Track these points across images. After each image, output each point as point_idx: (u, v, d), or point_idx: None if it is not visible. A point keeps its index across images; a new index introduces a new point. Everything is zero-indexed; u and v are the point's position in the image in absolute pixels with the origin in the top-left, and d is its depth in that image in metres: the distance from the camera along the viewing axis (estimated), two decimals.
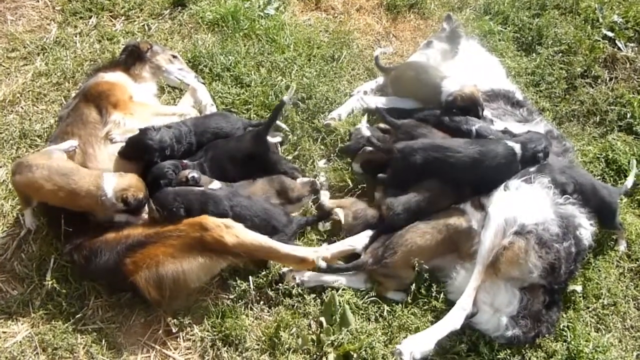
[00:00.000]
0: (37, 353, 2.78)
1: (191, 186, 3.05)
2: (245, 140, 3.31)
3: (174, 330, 2.89)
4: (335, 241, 3.17)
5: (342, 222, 3.18)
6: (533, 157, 3.13)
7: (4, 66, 3.97)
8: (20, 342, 2.82)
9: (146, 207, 3.02)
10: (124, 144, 3.14)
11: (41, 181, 2.86)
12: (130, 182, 2.94)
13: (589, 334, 3.01)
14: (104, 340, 2.84)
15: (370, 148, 3.47)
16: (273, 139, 3.42)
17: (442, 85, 3.46)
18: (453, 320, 2.83)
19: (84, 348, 2.81)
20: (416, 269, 2.96)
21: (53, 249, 3.10)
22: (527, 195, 3.04)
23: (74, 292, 2.99)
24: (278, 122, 3.52)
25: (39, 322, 2.88)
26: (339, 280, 3.05)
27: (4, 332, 2.86)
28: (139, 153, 3.12)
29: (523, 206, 2.99)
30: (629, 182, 3.53)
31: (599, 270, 3.26)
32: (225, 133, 3.37)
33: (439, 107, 3.48)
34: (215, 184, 3.14)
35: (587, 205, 3.13)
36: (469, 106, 3.36)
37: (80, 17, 4.28)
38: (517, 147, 3.13)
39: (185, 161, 3.22)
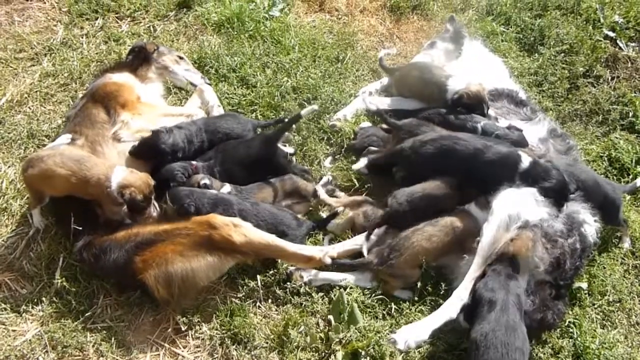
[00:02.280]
0: (46, 351, 2.78)
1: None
2: (254, 146, 3.32)
3: (182, 329, 2.89)
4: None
5: (355, 222, 3.21)
6: (534, 180, 3.02)
7: (11, 67, 3.99)
8: (29, 340, 2.82)
9: (150, 209, 3.02)
10: (133, 143, 3.16)
11: (54, 167, 2.87)
12: (134, 181, 2.92)
13: (595, 330, 3.02)
14: (113, 339, 2.84)
15: (375, 148, 3.51)
16: (286, 149, 3.42)
17: (447, 84, 3.49)
18: (449, 310, 2.85)
19: (93, 346, 2.81)
20: (423, 267, 2.98)
21: (62, 247, 3.11)
22: (531, 193, 3.04)
23: (83, 291, 2.99)
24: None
25: (49, 321, 2.89)
26: (346, 279, 3.06)
27: (14, 331, 2.86)
28: (151, 155, 3.16)
29: (527, 203, 3.00)
30: (639, 181, 3.58)
31: (604, 268, 3.28)
32: (237, 134, 3.39)
33: (444, 106, 3.51)
34: (226, 188, 3.16)
35: (591, 201, 3.15)
36: (475, 104, 3.40)
37: (87, 19, 4.30)
38: (527, 161, 3.04)
39: (194, 163, 3.23)
